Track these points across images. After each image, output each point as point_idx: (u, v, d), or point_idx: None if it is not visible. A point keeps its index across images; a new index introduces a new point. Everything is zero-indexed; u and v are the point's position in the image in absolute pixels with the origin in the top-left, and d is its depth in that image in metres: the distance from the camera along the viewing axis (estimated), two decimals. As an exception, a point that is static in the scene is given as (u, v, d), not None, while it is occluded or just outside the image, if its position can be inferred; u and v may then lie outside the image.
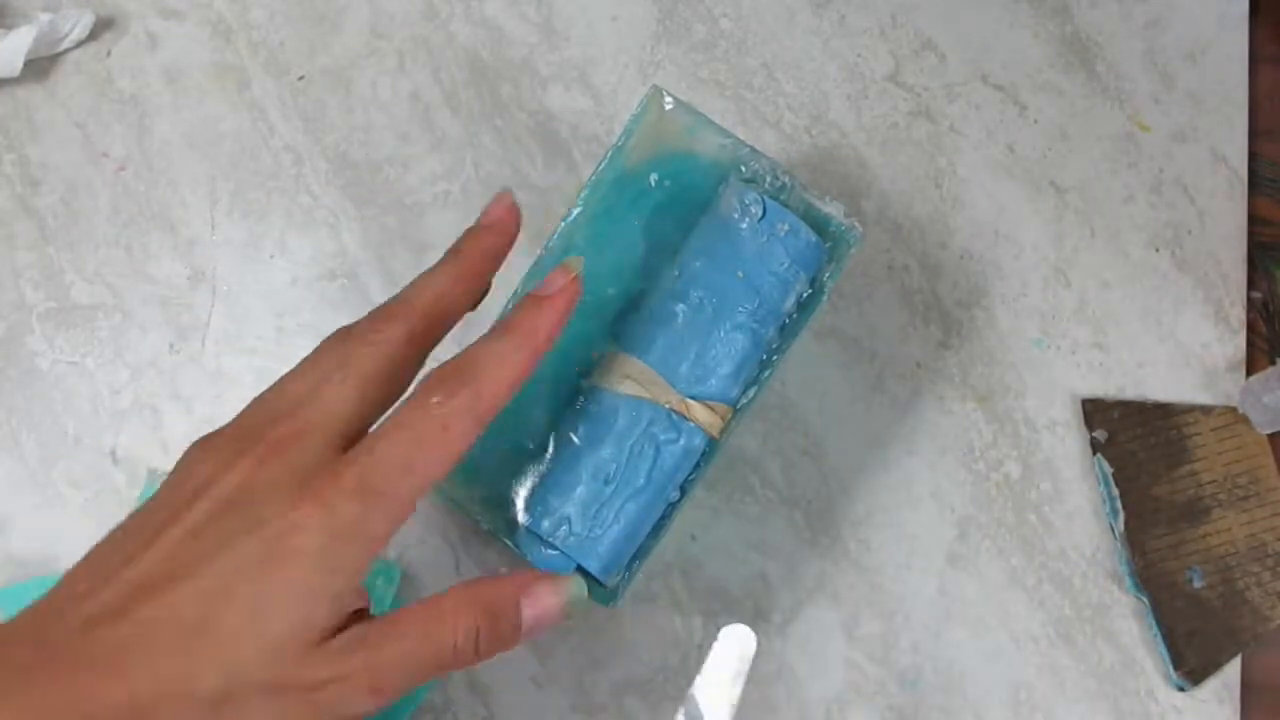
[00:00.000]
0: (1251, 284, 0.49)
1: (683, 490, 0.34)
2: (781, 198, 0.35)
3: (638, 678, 0.44)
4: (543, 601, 0.29)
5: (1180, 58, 0.51)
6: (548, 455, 0.33)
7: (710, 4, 0.50)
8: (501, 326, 0.30)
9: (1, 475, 0.44)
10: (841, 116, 0.49)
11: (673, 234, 0.34)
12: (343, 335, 0.31)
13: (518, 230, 0.33)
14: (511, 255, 0.33)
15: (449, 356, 0.30)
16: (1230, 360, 0.48)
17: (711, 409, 0.33)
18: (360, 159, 0.48)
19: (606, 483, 0.33)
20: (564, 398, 0.34)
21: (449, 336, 0.31)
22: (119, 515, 0.44)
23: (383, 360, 0.29)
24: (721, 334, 0.33)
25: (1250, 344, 0.48)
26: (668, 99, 0.35)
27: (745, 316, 0.33)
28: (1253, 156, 0.50)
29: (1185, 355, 0.48)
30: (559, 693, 0.43)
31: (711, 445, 0.34)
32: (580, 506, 0.32)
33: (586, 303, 0.33)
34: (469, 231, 0.32)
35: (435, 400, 0.28)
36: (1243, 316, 0.49)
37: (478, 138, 0.48)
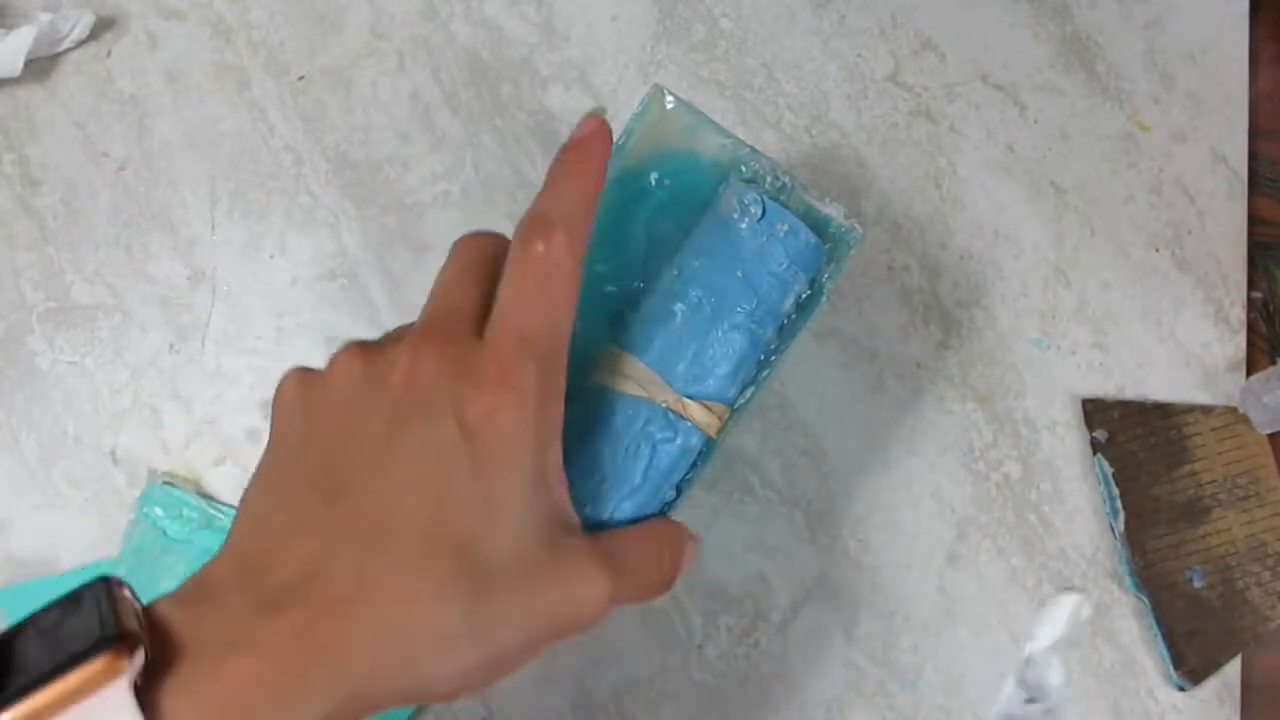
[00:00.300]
0: (1251, 284, 0.49)
1: (679, 490, 0.34)
2: (781, 198, 0.35)
3: (638, 678, 0.44)
4: (690, 556, 0.30)
5: (1180, 58, 0.51)
6: None
7: (710, 4, 0.50)
8: (555, 172, 0.29)
9: (1, 475, 0.44)
10: (841, 116, 0.49)
11: (673, 233, 0.34)
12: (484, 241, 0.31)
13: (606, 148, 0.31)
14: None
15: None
16: (1230, 360, 0.48)
17: (709, 409, 0.33)
18: (360, 159, 0.48)
19: (602, 481, 0.32)
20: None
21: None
22: (119, 515, 0.44)
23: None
24: (719, 334, 0.33)
25: (1250, 344, 0.48)
26: (669, 98, 0.35)
27: (743, 317, 0.33)
28: (1253, 156, 0.50)
29: (1185, 355, 0.48)
30: (559, 693, 0.43)
31: (708, 445, 0.34)
32: (575, 506, 0.32)
33: (585, 301, 0.33)
34: (567, 150, 0.31)
35: (540, 249, 0.27)
36: (1243, 316, 0.49)
37: (478, 138, 0.48)
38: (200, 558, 0.43)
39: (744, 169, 0.35)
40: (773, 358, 0.34)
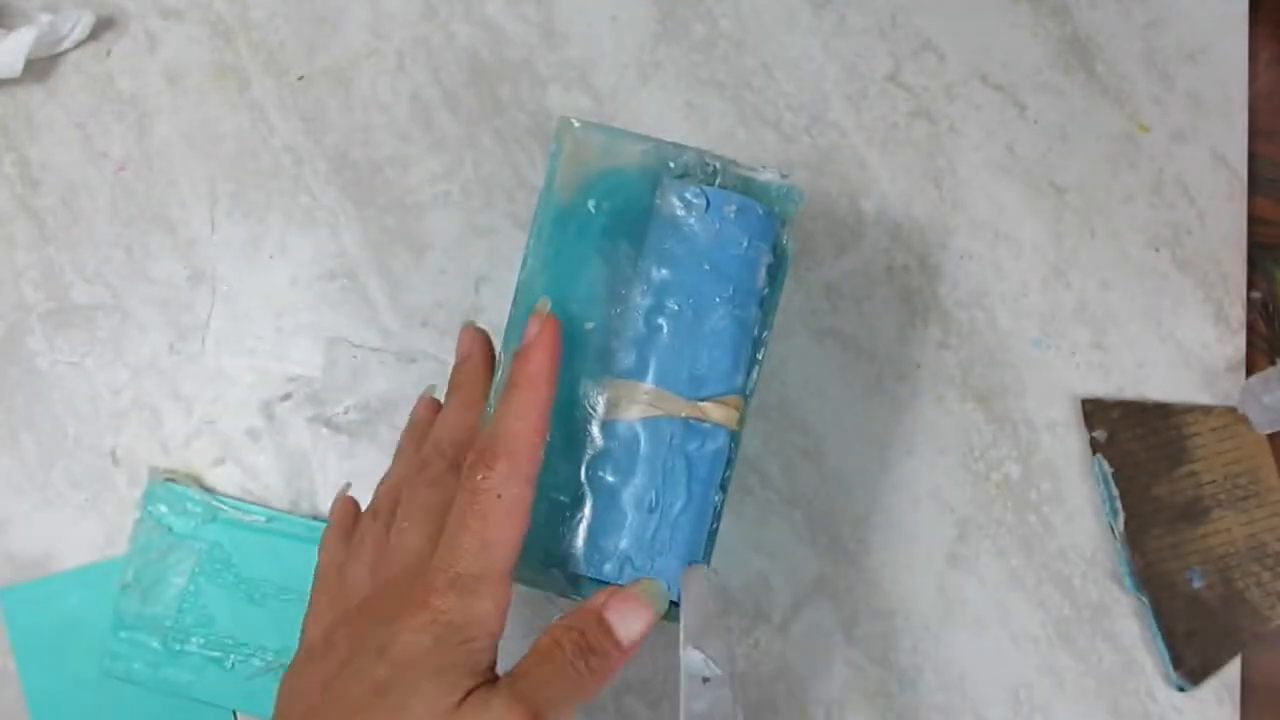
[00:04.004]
0: (1251, 284, 0.49)
1: (723, 488, 0.34)
2: (718, 181, 0.35)
3: (638, 678, 0.44)
4: (625, 611, 0.31)
5: (1180, 58, 0.51)
6: (586, 503, 0.33)
7: (710, 4, 0.50)
8: (503, 388, 0.32)
9: (1, 475, 0.44)
10: (841, 116, 0.49)
11: (628, 251, 0.34)
12: (390, 489, 0.37)
13: (492, 348, 0.38)
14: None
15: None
16: (1230, 360, 0.48)
17: (724, 404, 0.33)
18: (360, 159, 0.48)
19: (651, 509, 0.33)
20: (581, 444, 0.34)
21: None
22: (119, 515, 0.44)
23: (438, 497, 0.34)
24: (709, 331, 0.33)
25: (1250, 344, 0.48)
26: (576, 123, 0.35)
27: (725, 306, 0.33)
28: (1253, 156, 0.50)
29: (1185, 355, 0.48)
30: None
31: (734, 438, 0.34)
32: (634, 540, 0.33)
33: (570, 345, 0.33)
34: (455, 368, 0.38)
35: (480, 478, 0.30)
36: (1243, 316, 0.49)
37: (477, 138, 0.48)
38: (207, 553, 0.43)
39: (673, 166, 0.35)
40: (764, 333, 0.35)
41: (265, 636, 0.43)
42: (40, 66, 0.47)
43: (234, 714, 0.43)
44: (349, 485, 0.44)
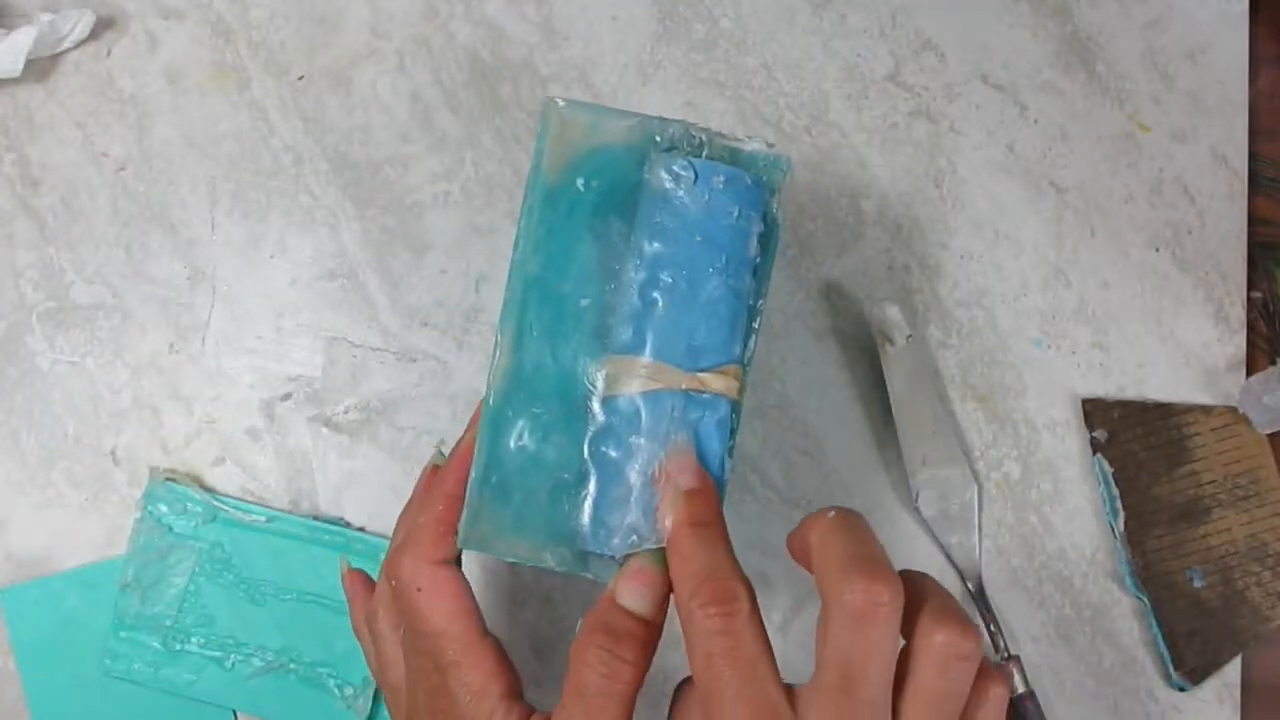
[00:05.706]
0: (1251, 284, 0.49)
1: (730, 455, 0.34)
2: (705, 153, 0.35)
3: (638, 678, 0.44)
4: (634, 588, 0.32)
5: (1180, 58, 0.51)
6: (590, 480, 0.33)
7: (710, 4, 0.50)
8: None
9: (1, 475, 0.44)
10: (841, 116, 0.49)
11: (620, 227, 0.35)
12: None
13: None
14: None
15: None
16: (1230, 360, 0.48)
17: (724, 374, 0.34)
18: (360, 159, 0.48)
19: (656, 482, 0.33)
20: (583, 420, 0.34)
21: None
22: (119, 515, 0.44)
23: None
24: (704, 302, 0.33)
25: (1250, 344, 0.48)
26: (560, 102, 0.35)
27: (719, 277, 0.34)
28: (1253, 156, 0.50)
29: (1185, 355, 0.48)
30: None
31: (735, 407, 0.34)
32: (641, 513, 0.33)
33: (566, 322, 0.33)
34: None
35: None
36: (1243, 316, 0.49)
37: (478, 138, 0.48)
38: (207, 552, 0.43)
39: (659, 140, 0.35)
40: (759, 302, 0.35)
41: (265, 636, 0.43)
42: (40, 66, 0.47)
43: (234, 714, 0.43)
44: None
